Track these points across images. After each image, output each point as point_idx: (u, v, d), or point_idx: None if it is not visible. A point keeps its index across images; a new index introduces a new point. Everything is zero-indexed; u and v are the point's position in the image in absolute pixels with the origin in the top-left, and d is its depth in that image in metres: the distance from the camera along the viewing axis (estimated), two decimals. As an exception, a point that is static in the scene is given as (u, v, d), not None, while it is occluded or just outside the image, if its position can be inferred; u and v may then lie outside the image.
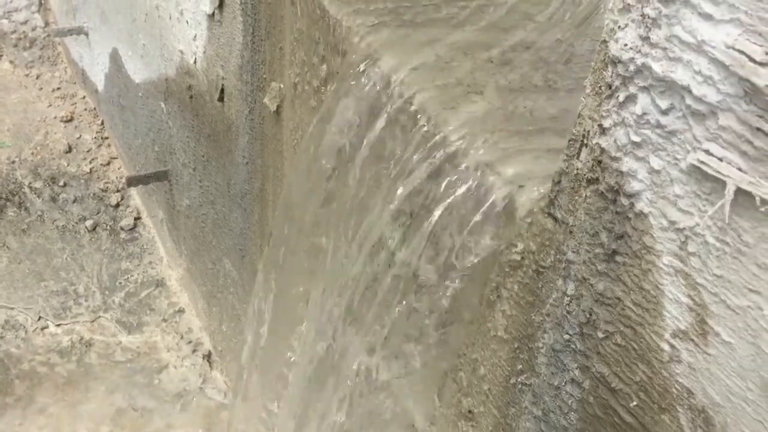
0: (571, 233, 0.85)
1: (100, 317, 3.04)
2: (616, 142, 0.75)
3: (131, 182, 2.93)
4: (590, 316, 0.84)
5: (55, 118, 3.87)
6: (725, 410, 0.70)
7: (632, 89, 0.71)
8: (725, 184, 0.64)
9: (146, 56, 2.73)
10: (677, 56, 0.66)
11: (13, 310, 3.00)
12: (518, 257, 0.95)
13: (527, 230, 0.93)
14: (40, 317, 2.99)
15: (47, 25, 4.29)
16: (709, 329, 0.70)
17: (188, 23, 2.18)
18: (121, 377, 2.82)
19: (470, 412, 1.12)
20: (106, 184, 3.58)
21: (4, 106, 3.92)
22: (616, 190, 0.76)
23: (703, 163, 0.66)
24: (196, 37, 2.15)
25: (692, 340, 0.72)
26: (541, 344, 0.94)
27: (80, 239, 3.34)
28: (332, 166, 1.26)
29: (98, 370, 2.84)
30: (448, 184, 1.02)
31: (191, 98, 2.34)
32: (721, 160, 0.65)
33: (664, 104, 0.69)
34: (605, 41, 0.73)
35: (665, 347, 0.75)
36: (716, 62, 0.63)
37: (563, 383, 0.91)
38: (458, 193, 1.00)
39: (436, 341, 1.14)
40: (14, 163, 3.58)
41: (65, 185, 3.54)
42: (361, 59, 1.22)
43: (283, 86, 1.63)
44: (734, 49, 0.61)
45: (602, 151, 0.77)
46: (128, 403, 2.73)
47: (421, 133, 1.07)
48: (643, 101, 0.71)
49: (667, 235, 0.72)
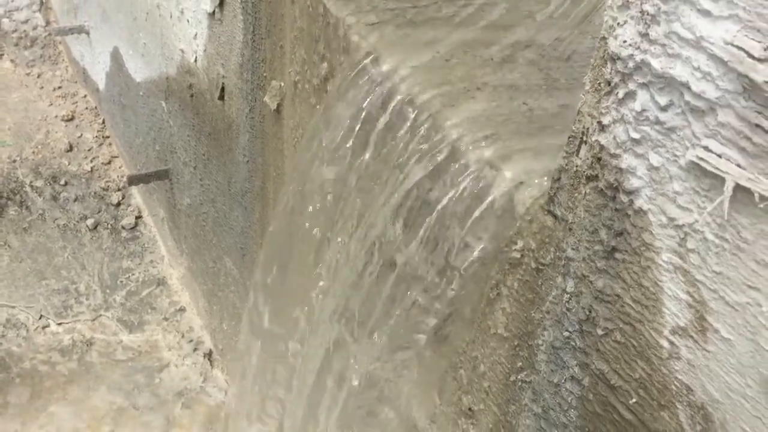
0: (570, 230, 0.85)
1: (101, 316, 3.04)
2: (615, 139, 0.75)
3: (132, 181, 2.93)
4: (590, 313, 0.84)
5: (56, 117, 3.87)
6: (724, 407, 0.70)
7: (631, 86, 0.71)
8: (724, 180, 0.64)
9: (147, 55, 2.73)
10: (676, 52, 0.66)
11: (14, 308, 3.01)
12: (518, 255, 0.95)
13: (527, 228, 0.93)
14: (41, 316, 2.99)
15: (48, 24, 4.29)
16: (708, 326, 0.70)
17: (189, 22, 2.18)
18: (122, 376, 2.82)
19: (470, 409, 1.12)
20: (107, 182, 3.59)
21: (5, 105, 3.93)
22: (615, 187, 0.76)
23: (702, 159, 0.66)
24: (196, 35, 2.15)
25: (691, 336, 0.72)
26: (540, 341, 0.94)
27: (81, 238, 3.35)
28: (333, 164, 1.26)
29: (99, 368, 2.84)
30: (448, 181, 1.02)
31: (192, 97, 2.35)
32: (720, 156, 0.65)
33: (663, 101, 0.69)
34: (604, 38, 0.73)
35: (664, 344, 0.75)
36: (715, 58, 0.63)
37: (563, 380, 0.91)
38: (458, 190, 1.00)
39: (436, 339, 1.14)
40: (15, 162, 3.59)
41: (66, 184, 3.54)
42: (361, 58, 1.22)
43: (283, 84, 1.63)
44: (733, 45, 0.61)
45: (601, 148, 0.77)
46: (129, 401, 2.73)
47: (421, 131, 1.07)
48: (642, 98, 0.71)
49: (666, 231, 0.72)
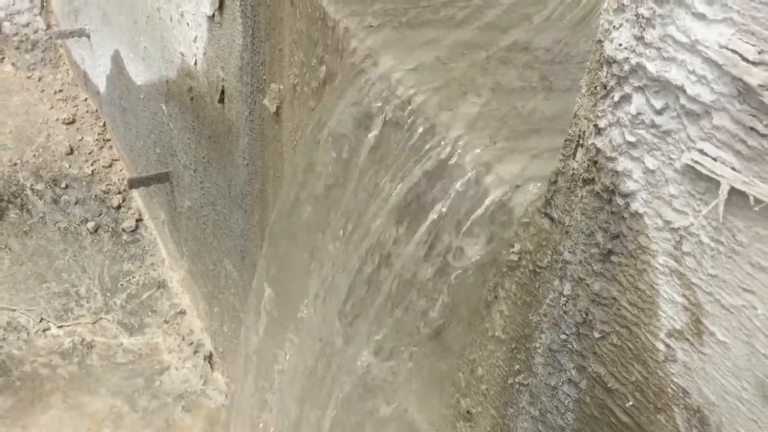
0: (567, 233, 0.85)
1: (101, 319, 3.04)
2: (611, 142, 0.75)
3: (133, 184, 2.93)
4: (586, 316, 0.84)
5: (56, 120, 3.88)
6: (720, 409, 0.70)
7: (627, 89, 0.71)
8: (719, 183, 0.64)
9: (147, 58, 2.73)
10: (671, 56, 0.66)
11: (15, 311, 3.01)
12: (515, 257, 0.95)
13: (524, 230, 0.93)
14: (42, 319, 2.99)
15: (49, 27, 4.30)
16: (704, 329, 0.70)
17: (189, 25, 2.18)
18: (122, 379, 2.82)
19: (468, 412, 1.12)
20: (107, 185, 3.59)
21: (6, 108, 3.93)
22: (611, 190, 0.76)
23: (697, 162, 0.66)
24: (196, 38, 2.16)
25: (687, 339, 0.72)
26: (538, 344, 0.94)
27: (82, 241, 3.35)
28: (331, 166, 1.26)
29: (100, 371, 2.84)
30: (445, 184, 1.02)
31: (192, 100, 2.35)
32: (715, 159, 0.65)
33: (658, 104, 0.69)
34: (600, 41, 0.74)
35: (661, 347, 0.75)
36: (710, 62, 0.63)
37: (560, 383, 0.91)
38: (455, 193, 1.00)
39: (434, 342, 1.14)
40: (16, 165, 3.59)
41: (67, 187, 3.54)
42: (359, 60, 1.22)
43: (282, 87, 1.64)
44: (727, 48, 0.61)
45: (598, 151, 0.77)
46: (130, 404, 2.74)
47: (418, 133, 1.07)
48: (637, 101, 0.71)
49: (662, 234, 0.72)
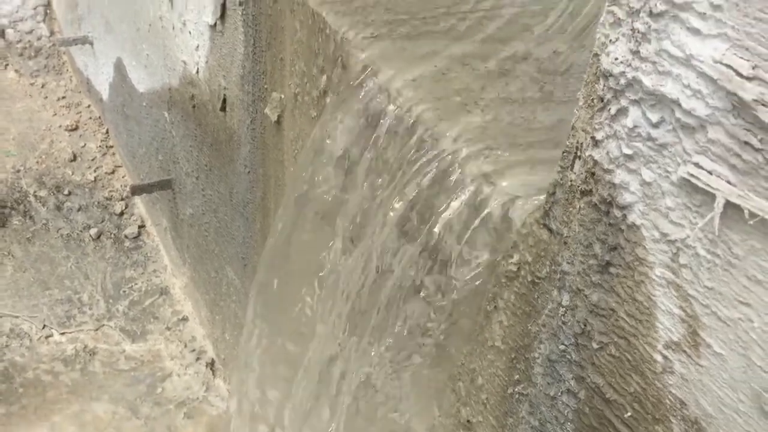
0: (565, 244, 0.85)
1: (104, 325, 3.05)
2: (608, 154, 0.76)
3: (135, 191, 2.94)
4: (585, 326, 0.85)
5: (60, 126, 3.90)
6: (717, 421, 0.71)
7: (623, 102, 0.72)
8: (715, 197, 0.65)
9: (150, 66, 2.75)
10: (666, 70, 0.67)
11: (17, 318, 3.02)
12: (515, 268, 0.96)
13: (523, 241, 0.93)
14: (44, 326, 3.00)
15: (52, 34, 4.32)
16: (701, 341, 0.70)
17: (191, 34, 2.20)
18: (124, 385, 2.83)
19: (469, 421, 1.13)
20: (110, 192, 3.60)
21: (9, 115, 3.95)
22: (609, 201, 0.77)
23: (692, 176, 0.66)
24: (198, 47, 2.17)
25: (684, 351, 0.72)
26: (537, 354, 0.94)
27: (84, 247, 3.36)
28: (332, 176, 1.27)
29: (102, 378, 2.85)
30: (445, 195, 1.03)
31: (194, 108, 2.36)
32: (710, 173, 0.65)
33: (654, 117, 0.69)
34: (597, 55, 0.74)
35: (658, 358, 0.76)
36: (704, 76, 0.63)
37: (559, 393, 0.91)
38: (455, 204, 1.01)
39: (435, 351, 1.14)
40: (19, 171, 3.60)
41: (70, 194, 3.56)
42: (360, 71, 1.23)
43: (283, 96, 1.64)
44: (722, 63, 0.61)
45: (595, 163, 0.78)
46: (132, 411, 2.74)
47: (418, 144, 1.08)
48: (634, 114, 0.71)
49: (659, 246, 0.73)
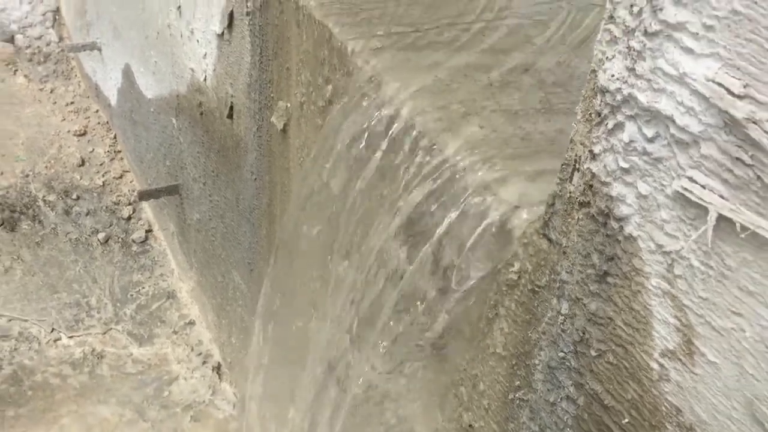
0: (564, 254, 0.87)
1: (111, 329, 3.08)
2: (605, 167, 0.77)
3: (143, 196, 2.97)
4: (583, 334, 0.86)
5: (68, 132, 3.93)
6: (712, 428, 0.72)
7: (620, 117, 0.74)
8: (708, 210, 0.67)
9: (158, 73, 2.77)
10: (661, 87, 0.69)
11: (26, 322, 3.05)
12: (515, 276, 0.98)
13: (523, 251, 0.95)
14: (53, 329, 3.03)
15: (61, 40, 4.36)
16: (695, 349, 0.72)
17: (199, 42, 2.22)
18: (131, 389, 2.85)
19: (471, 426, 1.14)
20: (118, 197, 3.63)
21: (18, 120, 3.99)
22: (606, 213, 0.79)
23: (686, 190, 0.68)
24: (206, 55, 2.19)
25: (680, 359, 0.74)
26: (537, 361, 0.96)
27: (93, 252, 3.39)
28: (336, 185, 1.29)
29: (109, 381, 2.87)
30: (447, 204, 1.05)
31: (201, 115, 2.39)
32: (703, 187, 0.67)
33: (649, 132, 0.71)
34: (594, 71, 0.76)
35: (654, 366, 0.77)
36: (697, 94, 0.65)
37: (559, 399, 0.93)
38: (457, 213, 1.03)
39: (437, 357, 1.16)
40: (28, 176, 3.64)
41: (78, 198, 3.59)
42: (364, 81, 1.25)
43: (289, 105, 1.67)
44: (714, 81, 0.63)
45: (593, 175, 0.79)
46: (139, 414, 2.76)
47: (421, 154, 1.10)
48: (630, 129, 0.73)
49: (654, 257, 0.75)
